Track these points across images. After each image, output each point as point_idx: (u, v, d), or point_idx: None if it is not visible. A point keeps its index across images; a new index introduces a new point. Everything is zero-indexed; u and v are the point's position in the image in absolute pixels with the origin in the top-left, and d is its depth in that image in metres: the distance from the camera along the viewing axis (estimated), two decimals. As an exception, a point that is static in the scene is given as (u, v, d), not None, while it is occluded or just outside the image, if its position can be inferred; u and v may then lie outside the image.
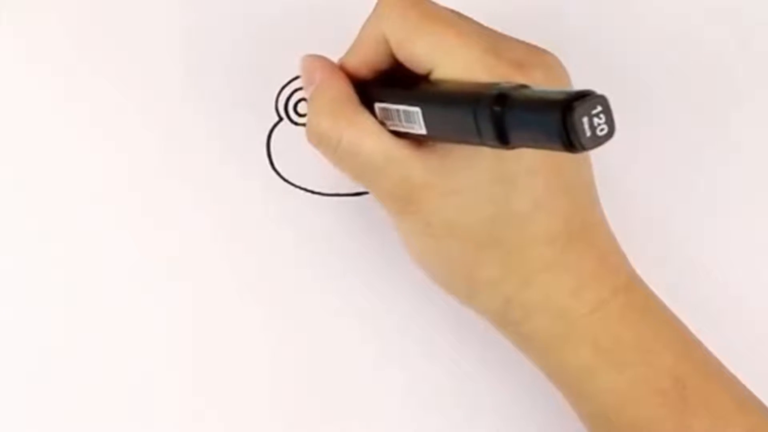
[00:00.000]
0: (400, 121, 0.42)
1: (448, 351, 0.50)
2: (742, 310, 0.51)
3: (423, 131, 0.41)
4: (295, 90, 0.51)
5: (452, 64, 0.41)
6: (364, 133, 0.43)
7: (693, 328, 0.45)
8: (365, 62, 0.45)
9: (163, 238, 0.51)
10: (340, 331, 0.50)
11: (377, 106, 0.44)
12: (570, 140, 0.33)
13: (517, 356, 0.50)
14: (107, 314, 0.50)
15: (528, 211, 0.42)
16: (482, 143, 0.37)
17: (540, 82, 0.40)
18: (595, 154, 0.44)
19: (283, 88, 0.51)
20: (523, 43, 0.43)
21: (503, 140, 0.36)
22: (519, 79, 0.39)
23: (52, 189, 0.51)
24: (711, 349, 0.45)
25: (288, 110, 0.51)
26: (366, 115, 0.43)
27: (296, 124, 0.51)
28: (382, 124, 0.43)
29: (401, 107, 0.42)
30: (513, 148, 0.36)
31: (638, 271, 0.45)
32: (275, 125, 0.51)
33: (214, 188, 0.51)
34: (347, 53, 0.46)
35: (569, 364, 0.43)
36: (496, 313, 0.44)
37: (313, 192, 0.51)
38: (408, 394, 0.50)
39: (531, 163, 0.42)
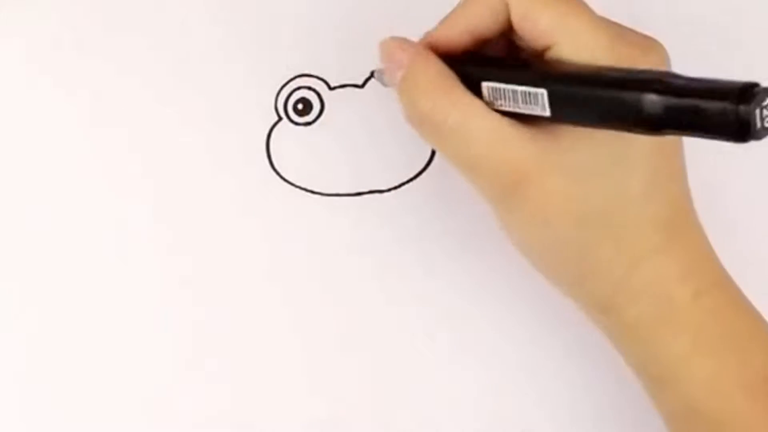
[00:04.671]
0: (516, 102, 0.41)
1: (447, 350, 0.50)
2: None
3: (546, 113, 0.40)
4: (295, 89, 0.51)
5: (574, 43, 0.40)
6: (472, 113, 0.42)
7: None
8: (470, 29, 0.43)
9: (161, 238, 0.50)
10: (339, 331, 0.50)
11: (486, 85, 0.42)
12: (742, 131, 0.34)
13: (519, 357, 0.50)
14: (106, 315, 0.50)
15: (642, 193, 0.42)
16: (625, 129, 0.37)
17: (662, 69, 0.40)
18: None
19: (282, 87, 0.51)
20: (638, 32, 0.42)
21: (654, 127, 0.36)
22: (642, 63, 0.39)
23: (53, 189, 0.51)
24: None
25: (287, 110, 0.51)
26: (469, 94, 0.42)
27: (296, 123, 0.51)
28: (488, 104, 0.42)
29: (521, 88, 0.41)
30: (660, 135, 0.37)
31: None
32: (274, 125, 0.51)
33: (213, 188, 0.51)
34: (445, 21, 0.44)
35: (666, 351, 0.43)
36: (600, 299, 0.43)
37: (312, 192, 0.51)
38: (407, 394, 0.50)
39: (647, 147, 0.41)
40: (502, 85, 0.41)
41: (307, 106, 0.51)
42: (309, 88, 0.51)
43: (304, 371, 0.50)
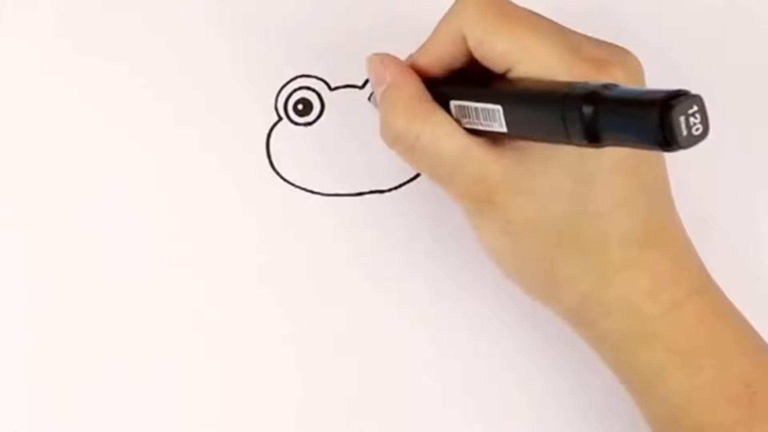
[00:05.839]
0: (478, 119, 0.42)
1: (446, 352, 0.50)
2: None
3: (503, 129, 0.41)
4: (295, 90, 0.51)
5: (531, 63, 0.41)
6: (442, 132, 0.43)
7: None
8: (440, 59, 0.44)
9: (161, 238, 0.50)
10: (340, 331, 0.50)
11: (453, 103, 0.43)
12: (666, 139, 0.34)
13: (521, 359, 0.50)
14: (103, 314, 0.50)
15: (608, 211, 0.42)
16: (568, 142, 0.37)
17: (620, 81, 0.39)
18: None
19: (282, 87, 0.51)
20: (602, 42, 0.43)
21: (592, 139, 0.36)
22: (599, 77, 0.39)
23: (52, 188, 0.51)
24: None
25: (287, 110, 0.51)
26: (442, 113, 0.43)
27: (296, 123, 0.51)
28: (457, 122, 0.43)
29: (480, 105, 0.42)
30: (601, 146, 0.37)
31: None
32: (274, 125, 0.51)
33: (213, 187, 0.51)
34: (420, 50, 0.45)
35: (641, 364, 0.43)
36: (571, 311, 0.44)
37: (312, 192, 0.51)
38: (406, 395, 0.50)
39: (611, 163, 0.41)
40: (466, 103, 0.42)
41: (307, 106, 0.51)
42: (309, 88, 0.51)
43: (303, 371, 0.50)
